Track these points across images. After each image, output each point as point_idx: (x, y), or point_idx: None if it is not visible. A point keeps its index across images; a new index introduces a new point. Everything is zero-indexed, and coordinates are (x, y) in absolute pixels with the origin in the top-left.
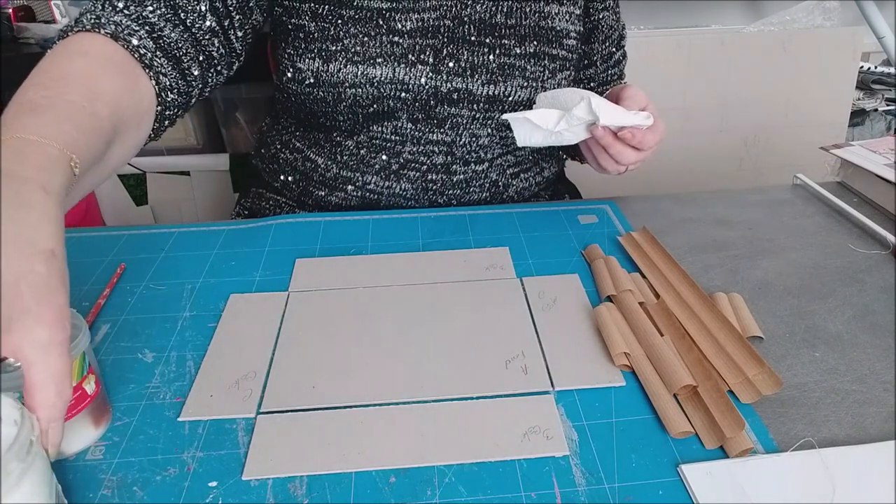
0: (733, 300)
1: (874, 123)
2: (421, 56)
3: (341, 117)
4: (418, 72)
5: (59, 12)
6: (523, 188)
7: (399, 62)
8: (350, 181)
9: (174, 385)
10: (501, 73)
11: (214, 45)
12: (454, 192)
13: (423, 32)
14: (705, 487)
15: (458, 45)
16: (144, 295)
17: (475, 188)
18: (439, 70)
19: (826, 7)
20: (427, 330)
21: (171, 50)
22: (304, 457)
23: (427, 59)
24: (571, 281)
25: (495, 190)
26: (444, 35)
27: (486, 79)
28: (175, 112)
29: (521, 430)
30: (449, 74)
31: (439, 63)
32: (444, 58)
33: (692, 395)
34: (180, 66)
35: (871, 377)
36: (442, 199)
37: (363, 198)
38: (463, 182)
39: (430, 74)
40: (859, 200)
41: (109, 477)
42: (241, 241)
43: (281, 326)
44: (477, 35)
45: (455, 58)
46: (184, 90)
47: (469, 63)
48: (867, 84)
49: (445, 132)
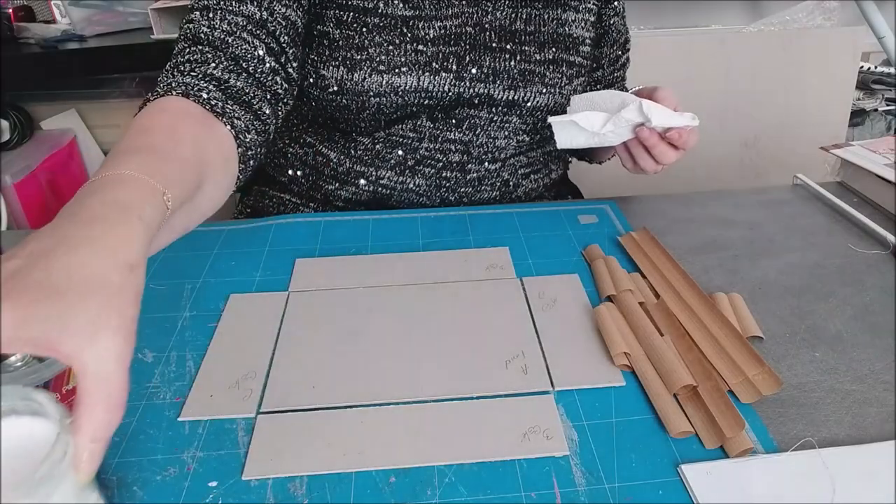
0: (733, 300)
1: (874, 123)
2: (445, 64)
3: (363, 123)
4: (442, 79)
5: (59, 12)
6: (531, 188)
7: (423, 70)
8: (363, 175)
9: (174, 385)
10: (522, 78)
11: (278, 82)
12: (466, 189)
13: (445, 40)
14: (705, 487)
15: (479, 52)
16: (144, 295)
17: (486, 187)
18: (462, 77)
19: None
20: (427, 330)
21: (241, 96)
22: (304, 457)
23: (451, 67)
24: (571, 281)
25: (505, 189)
26: (466, 42)
27: (508, 84)
28: (258, 150)
29: (521, 430)
30: (472, 81)
31: (462, 70)
32: (466, 64)
33: (692, 395)
34: (252, 109)
35: (871, 377)
36: (453, 196)
37: (375, 192)
38: (475, 180)
39: (453, 81)
40: (859, 200)
41: (109, 477)
42: (242, 241)
43: (281, 326)
44: (498, 42)
45: (478, 64)
46: (260, 129)
47: (491, 69)
48: (867, 84)
49: (463, 132)
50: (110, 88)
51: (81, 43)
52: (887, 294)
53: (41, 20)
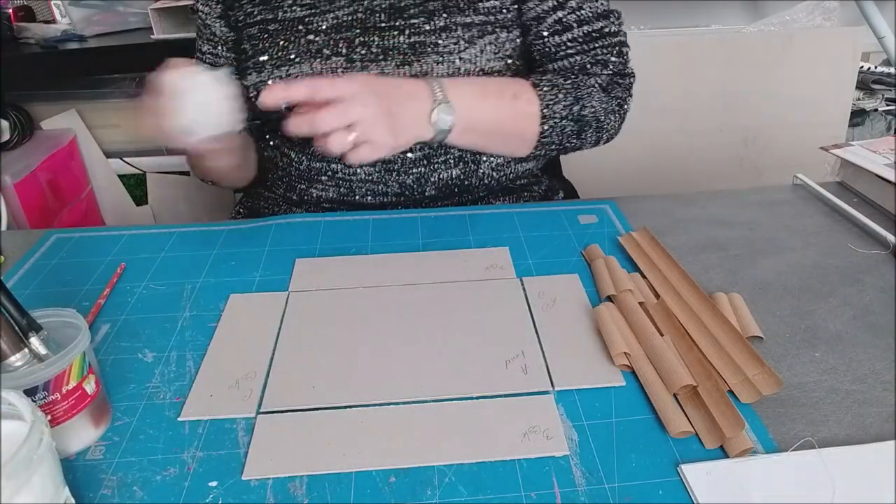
0: (733, 300)
1: (874, 123)
2: (335, 49)
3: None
4: (333, 63)
5: (59, 12)
6: (499, 164)
7: (315, 58)
8: (322, 171)
9: (174, 385)
10: (413, 52)
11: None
12: (419, 169)
13: (337, 28)
14: (705, 487)
15: (370, 33)
16: (144, 295)
17: (440, 164)
18: (352, 59)
19: (826, 7)
20: (427, 330)
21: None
22: (304, 457)
23: (341, 51)
24: (571, 281)
25: (466, 167)
26: (357, 27)
27: (400, 60)
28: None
29: (521, 430)
30: (363, 62)
31: (352, 52)
32: (356, 47)
33: (692, 395)
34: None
35: (871, 377)
36: (411, 178)
37: (338, 186)
38: (422, 159)
39: (344, 64)
40: (859, 200)
41: (109, 477)
42: (241, 241)
43: (281, 326)
44: (387, 20)
45: (367, 45)
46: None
47: (380, 47)
48: (867, 84)
49: None
50: (110, 88)
51: (81, 43)
52: (887, 294)
53: (41, 20)
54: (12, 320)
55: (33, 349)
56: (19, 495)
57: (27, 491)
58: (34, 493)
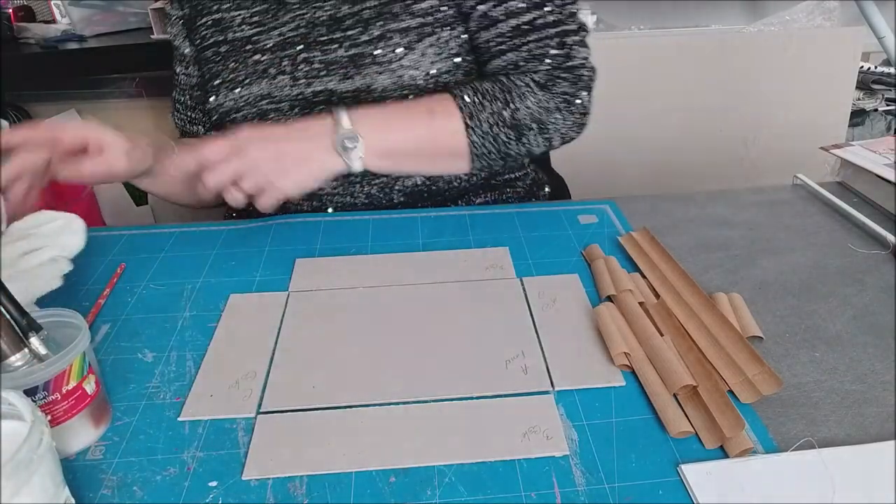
0: (733, 300)
1: (874, 123)
2: (280, 67)
3: None
4: (280, 82)
5: (59, 12)
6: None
7: (262, 78)
8: None
9: (174, 385)
10: (353, 64)
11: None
12: (382, 179)
13: (282, 45)
14: (705, 487)
15: (311, 48)
16: (144, 295)
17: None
18: (297, 77)
19: (826, 7)
20: (427, 330)
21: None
22: (304, 457)
23: (285, 69)
24: (571, 281)
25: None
26: (298, 42)
27: (342, 74)
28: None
29: (521, 430)
30: (307, 78)
31: (295, 69)
32: (298, 64)
33: (692, 394)
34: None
35: (871, 377)
36: (374, 188)
37: (310, 200)
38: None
39: (289, 82)
40: (859, 200)
41: (109, 477)
42: (241, 241)
43: (281, 326)
44: (327, 33)
45: (309, 62)
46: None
47: (322, 62)
48: (867, 84)
49: None
50: (110, 88)
51: (81, 43)
52: (887, 294)
53: (41, 20)
54: (12, 320)
55: (33, 349)
56: (19, 495)
57: (27, 491)
58: (34, 493)
